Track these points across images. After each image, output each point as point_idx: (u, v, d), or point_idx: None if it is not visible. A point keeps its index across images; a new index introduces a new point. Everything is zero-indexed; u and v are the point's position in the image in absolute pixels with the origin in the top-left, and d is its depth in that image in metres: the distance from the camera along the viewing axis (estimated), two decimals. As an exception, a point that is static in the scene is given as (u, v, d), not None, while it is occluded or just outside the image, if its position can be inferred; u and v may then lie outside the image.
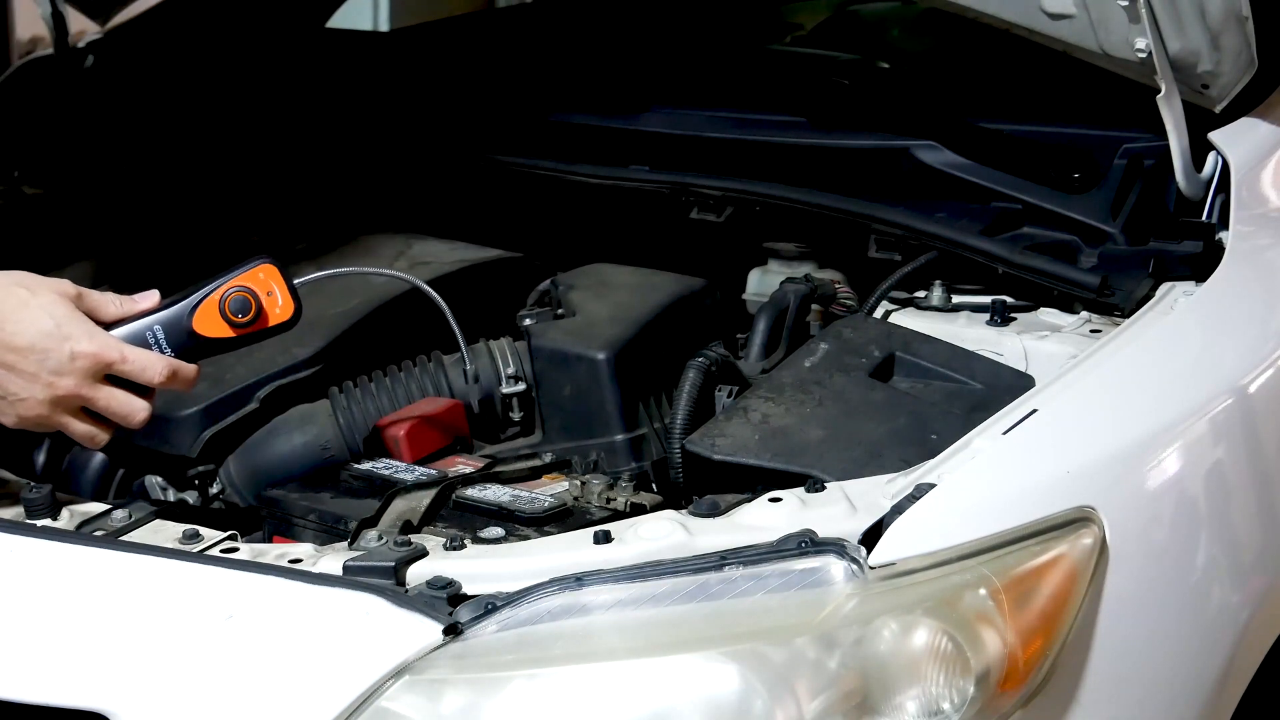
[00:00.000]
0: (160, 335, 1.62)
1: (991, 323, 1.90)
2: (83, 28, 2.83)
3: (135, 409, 1.61)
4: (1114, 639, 1.47)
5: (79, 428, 1.61)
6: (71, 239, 2.38)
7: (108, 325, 1.61)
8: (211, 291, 1.63)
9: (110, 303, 1.63)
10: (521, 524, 1.62)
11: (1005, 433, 1.53)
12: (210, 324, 1.63)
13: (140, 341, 1.61)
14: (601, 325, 2.01)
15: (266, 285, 1.64)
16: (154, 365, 1.60)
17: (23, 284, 1.59)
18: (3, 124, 2.67)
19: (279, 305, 1.65)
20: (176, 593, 1.43)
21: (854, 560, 1.37)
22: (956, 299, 1.97)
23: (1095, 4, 1.87)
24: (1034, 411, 1.56)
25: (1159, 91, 1.87)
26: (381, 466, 1.79)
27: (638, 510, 1.65)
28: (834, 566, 1.37)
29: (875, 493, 1.47)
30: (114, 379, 1.60)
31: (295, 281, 1.67)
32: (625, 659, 1.35)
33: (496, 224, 2.40)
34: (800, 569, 1.37)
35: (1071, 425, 1.58)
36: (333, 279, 1.86)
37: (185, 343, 1.63)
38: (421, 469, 1.78)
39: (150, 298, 1.65)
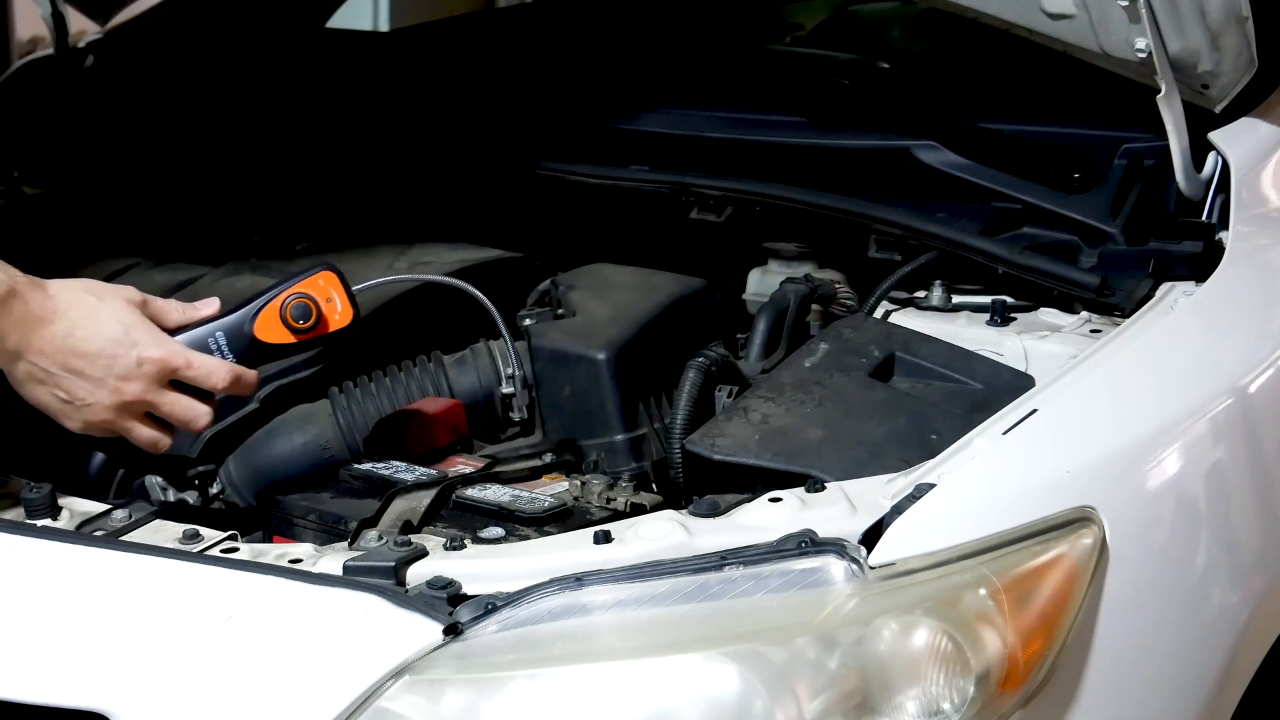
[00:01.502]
0: (222, 341, 1.66)
1: (991, 323, 1.90)
2: (83, 28, 2.83)
3: (199, 414, 1.64)
4: (1114, 639, 1.47)
5: (143, 433, 1.64)
6: (71, 239, 2.38)
7: (171, 332, 1.64)
8: (273, 298, 1.67)
9: (173, 310, 1.66)
10: (521, 524, 1.62)
11: (1005, 433, 1.53)
12: (271, 330, 1.67)
13: (202, 347, 1.65)
14: (601, 325, 2.01)
15: (326, 292, 1.68)
16: (218, 371, 1.64)
17: (90, 291, 1.62)
18: (3, 124, 2.67)
19: (338, 311, 1.69)
20: (176, 593, 1.43)
21: (854, 560, 1.37)
22: (956, 299, 1.97)
23: (1095, 4, 1.87)
24: (1034, 411, 1.56)
25: (1159, 91, 1.87)
26: (381, 466, 1.79)
27: (638, 510, 1.65)
28: (834, 566, 1.37)
29: (875, 493, 1.47)
30: (177, 384, 1.63)
31: (355, 288, 1.71)
32: (625, 659, 1.35)
33: (496, 224, 2.40)
34: (800, 569, 1.37)
35: (1071, 425, 1.58)
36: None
37: (247, 349, 1.67)
38: (421, 469, 1.78)
39: (211, 305, 1.69)
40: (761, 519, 1.45)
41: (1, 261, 1.57)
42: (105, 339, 1.59)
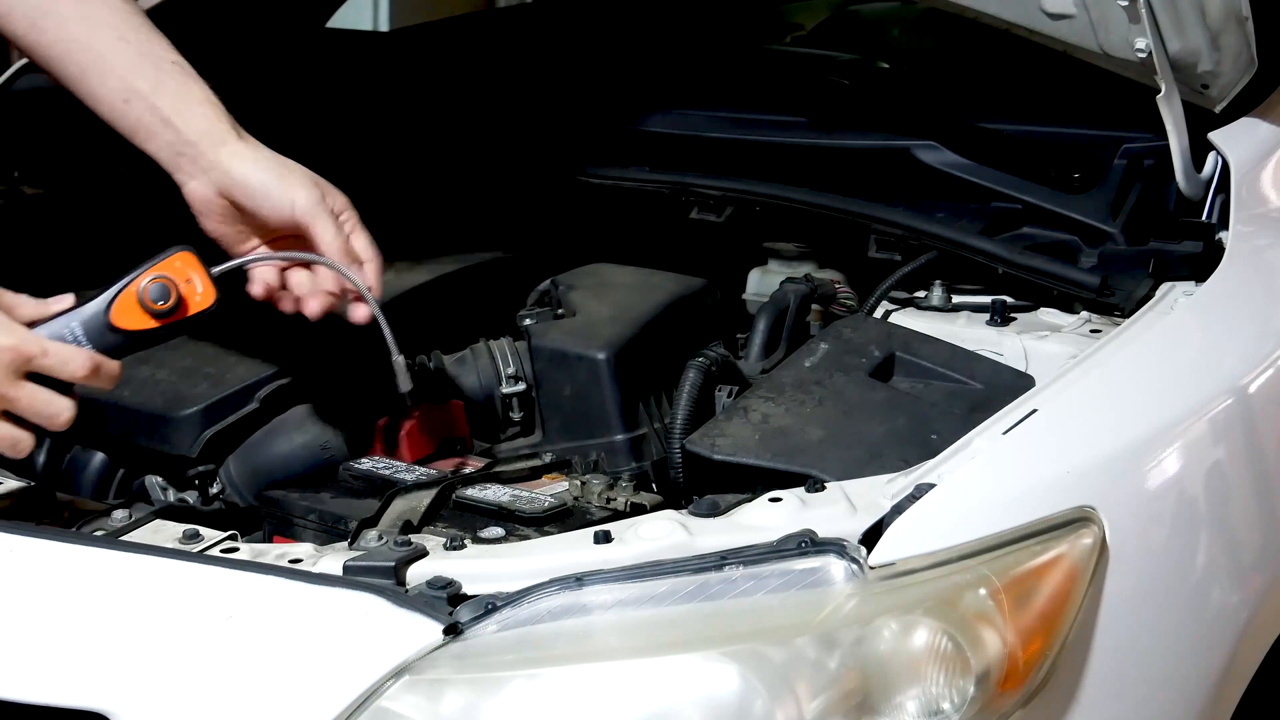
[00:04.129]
0: (79, 332, 1.57)
1: (991, 323, 1.90)
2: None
3: (59, 408, 1.53)
4: (1114, 639, 1.47)
5: (1, 432, 1.53)
6: (71, 239, 2.37)
7: (25, 327, 1.55)
8: (128, 283, 1.59)
9: (25, 303, 1.57)
10: (521, 524, 1.62)
11: (1005, 433, 1.53)
12: (130, 316, 1.59)
13: (59, 341, 1.56)
14: (601, 325, 2.01)
15: (184, 273, 1.61)
16: (76, 359, 1.53)
17: None
18: (3, 124, 2.67)
19: (199, 293, 1.61)
20: (176, 593, 1.43)
21: (854, 560, 1.37)
22: (956, 299, 1.98)
23: (1095, 4, 1.88)
24: (1034, 411, 1.56)
25: (1159, 91, 1.87)
26: (381, 466, 1.79)
27: (638, 510, 1.65)
28: (834, 566, 1.37)
29: (875, 493, 1.47)
30: (35, 379, 1.53)
31: (214, 270, 1.64)
32: (625, 659, 1.35)
33: (496, 224, 2.40)
34: (800, 569, 1.37)
35: (1071, 425, 1.58)
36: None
37: (106, 338, 1.58)
38: (421, 469, 1.78)
39: (65, 299, 1.59)
40: (761, 519, 1.45)
41: None
42: None
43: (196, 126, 1.71)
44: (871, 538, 1.40)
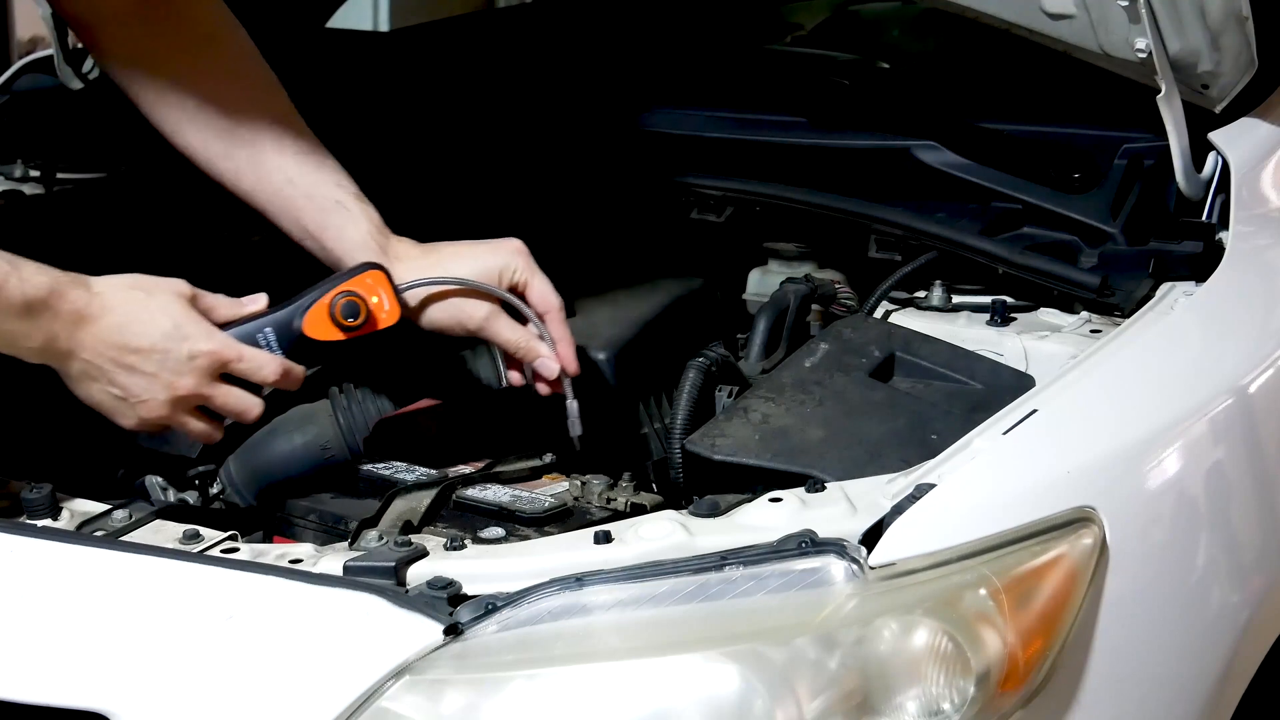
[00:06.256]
0: (271, 337, 1.68)
1: (991, 323, 1.90)
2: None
3: (250, 405, 1.68)
4: (1114, 639, 1.47)
5: (197, 426, 1.67)
6: (72, 240, 2.37)
7: (220, 326, 1.66)
8: (321, 296, 1.70)
9: (222, 305, 1.68)
10: (521, 524, 1.62)
11: (1005, 433, 1.53)
12: (319, 327, 1.70)
13: (251, 343, 1.67)
14: (601, 325, 2.01)
15: (374, 290, 1.71)
16: (268, 364, 1.66)
17: (138, 286, 1.63)
18: (7, 124, 2.67)
19: (385, 310, 1.71)
20: (176, 593, 1.43)
21: (854, 560, 1.37)
22: (956, 299, 1.98)
23: (1095, 4, 1.88)
24: (1034, 411, 1.56)
25: (1159, 91, 1.87)
26: (381, 466, 1.79)
27: (638, 510, 1.65)
28: (834, 566, 1.37)
29: (875, 493, 1.47)
30: (227, 378, 1.65)
31: (400, 286, 1.73)
32: (625, 659, 1.35)
33: (496, 223, 2.39)
34: (800, 569, 1.37)
35: (1071, 425, 1.58)
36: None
37: (295, 345, 1.69)
38: (422, 469, 1.78)
39: (259, 301, 1.70)
40: (761, 519, 1.45)
41: (40, 264, 1.58)
42: (158, 334, 1.60)
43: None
44: (871, 538, 1.40)
